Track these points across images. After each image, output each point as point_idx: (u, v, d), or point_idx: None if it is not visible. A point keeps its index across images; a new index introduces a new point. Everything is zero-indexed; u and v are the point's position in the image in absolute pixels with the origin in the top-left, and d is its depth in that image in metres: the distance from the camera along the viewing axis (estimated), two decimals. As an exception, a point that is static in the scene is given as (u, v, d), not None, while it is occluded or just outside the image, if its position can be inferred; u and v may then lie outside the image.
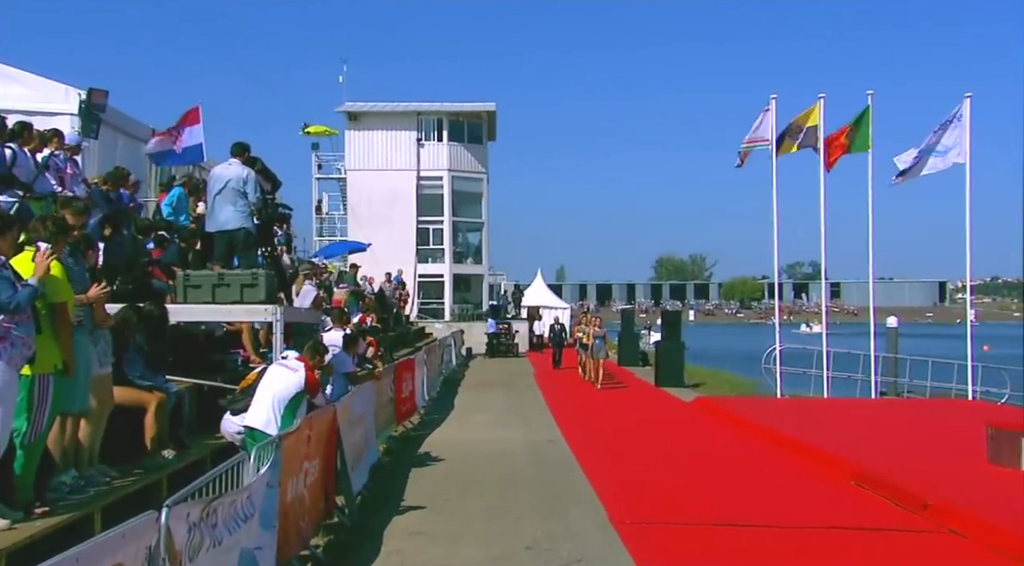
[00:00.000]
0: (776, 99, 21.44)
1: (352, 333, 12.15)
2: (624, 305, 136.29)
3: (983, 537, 7.78)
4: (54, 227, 6.32)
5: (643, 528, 8.48)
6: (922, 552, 7.76)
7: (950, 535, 8.12)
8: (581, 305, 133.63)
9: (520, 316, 44.75)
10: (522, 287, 51.61)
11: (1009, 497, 9.22)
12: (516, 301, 47.37)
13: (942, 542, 7.99)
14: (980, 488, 9.68)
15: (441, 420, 16.87)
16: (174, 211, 12.52)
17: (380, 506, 9.34)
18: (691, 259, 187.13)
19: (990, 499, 9.06)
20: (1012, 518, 8.16)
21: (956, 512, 8.46)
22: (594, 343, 22.88)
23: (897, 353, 25.81)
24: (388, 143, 43.08)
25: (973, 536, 7.90)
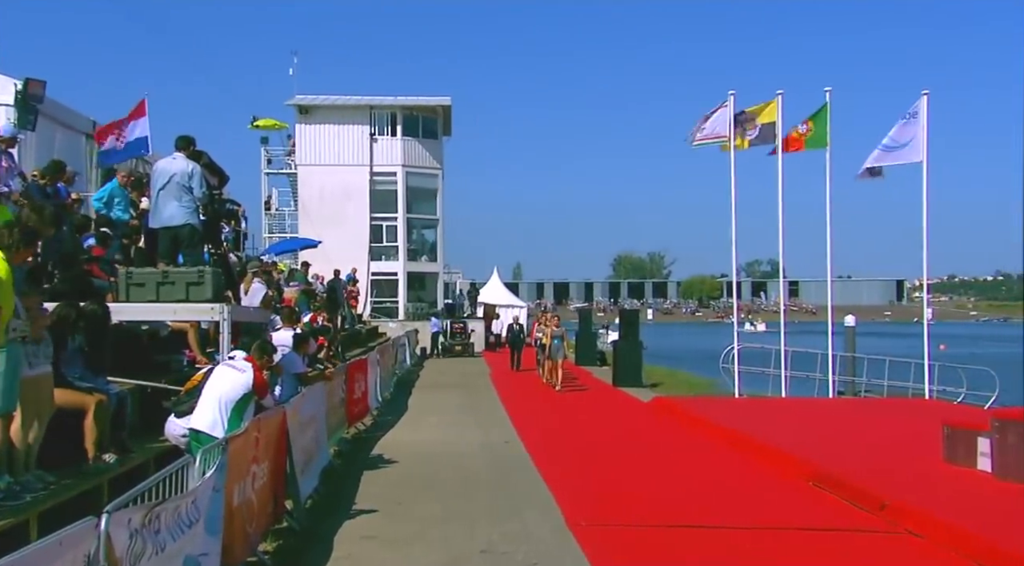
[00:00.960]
0: (734, 96, 21.67)
1: (302, 332, 12.05)
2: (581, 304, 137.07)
3: (939, 537, 7.94)
4: (20, 236, 6.15)
5: (600, 530, 8.52)
6: (879, 552, 7.90)
7: (906, 535, 8.27)
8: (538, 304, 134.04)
9: (476, 315, 44.73)
10: (478, 285, 51.59)
11: (965, 496, 9.42)
12: (472, 300, 47.34)
13: (898, 542, 8.14)
14: (936, 488, 9.88)
15: (394, 421, 16.80)
16: (106, 206, 12.30)
17: (331, 510, 9.28)
18: (649, 257, 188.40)
19: (946, 499, 9.25)
20: (968, 518, 8.34)
21: (912, 512, 8.63)
22: (552, 343, 22.83)
23: (855, 352, 26.25)
24: (340, 137, 42.81)
25: (929, 536, 8.05)
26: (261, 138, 43.63)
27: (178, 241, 10.43)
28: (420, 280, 44.93)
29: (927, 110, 20.46)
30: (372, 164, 42.81)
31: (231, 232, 16.64)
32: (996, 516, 8.53)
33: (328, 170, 42.15)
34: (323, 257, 32.23)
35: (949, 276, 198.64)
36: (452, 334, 37.94)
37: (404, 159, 43.09)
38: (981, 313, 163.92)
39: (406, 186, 43.19)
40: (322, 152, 42.67)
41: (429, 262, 45.17)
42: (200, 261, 10.67)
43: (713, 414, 16.81)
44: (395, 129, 43.22)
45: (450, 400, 20.77)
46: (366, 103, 43.68)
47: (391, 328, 37.89)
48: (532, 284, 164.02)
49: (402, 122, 43.25)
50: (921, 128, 20.49)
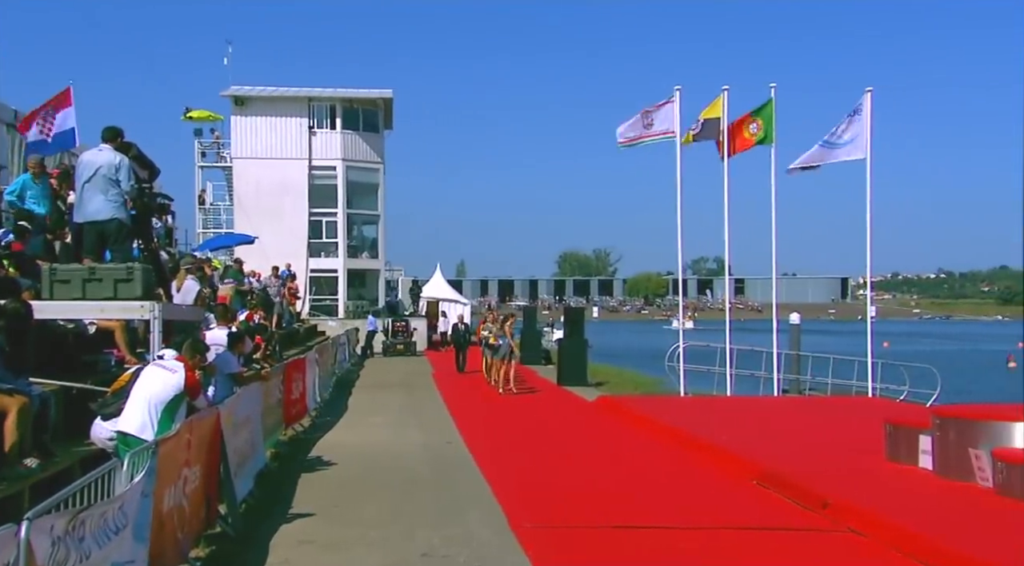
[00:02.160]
0: (680, 91, 21.86)
1: (237, 331, 11.90)
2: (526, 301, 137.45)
3: (881, 535, 8.11)
4: None
5: (543, 532, 8.55)
6: (821, 552, 8.05)
7: (848, 534, 8.44)
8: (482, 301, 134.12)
9: (419, 313, 44.55)
10: (420, 283, 51.41)
11: (906, 495, 9.65)
12: (414, 297, 47.17)
13: (841, 541, 8.30)
14: (879, 486, 10.09)
15: (334, 422, 16.69)
16: (19, 199, 11.99)
17: (267, 514, 9.18)
18: (595, 254, 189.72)
19: (888, 497, 9.46)
20: (909, 516, 8.54)
21: (855, 510, 8.81)
22: (501, 343, 22.49)
23: (800, 350, 26.72)
24: (277, 130, 42.32)
25: (871, 534, 8.22)
26: (195, 130, 42.95)
27: (105, 236, 10.21)
28: (361, 277, 44.64)
29: (871, 107, 20.90)
30: (311, 158, 42.40)
31: (163, 227, 16.36)
32: (936, 514, 8.75)
33: (265, 164, 41.63)
34: (260, 253, 31.87)
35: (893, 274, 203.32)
36: (394, 333, 37.73)
37: (344, 153, 42.75)
38: (924, 311, 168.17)
39: (346, 181, 42.86)
40: (258, 145, 42.13)
41: (370, 259, 44.91)
42: (129, 257, 10.46)
43: (658, 413, 16.97)
44: (334, 122, 42.85)
45: (391, 400, 20.68)
46: (304, 95, 43.22)
47: (331, 327, 37.58)
48: (476, 281, 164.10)
49: (342, 115, 42.89)
50: (865, 125, 20.91)
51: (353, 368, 30.40)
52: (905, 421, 11.77)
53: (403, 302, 47.13)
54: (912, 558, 7.53)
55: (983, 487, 9.68)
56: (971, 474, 9.91)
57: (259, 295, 21.32)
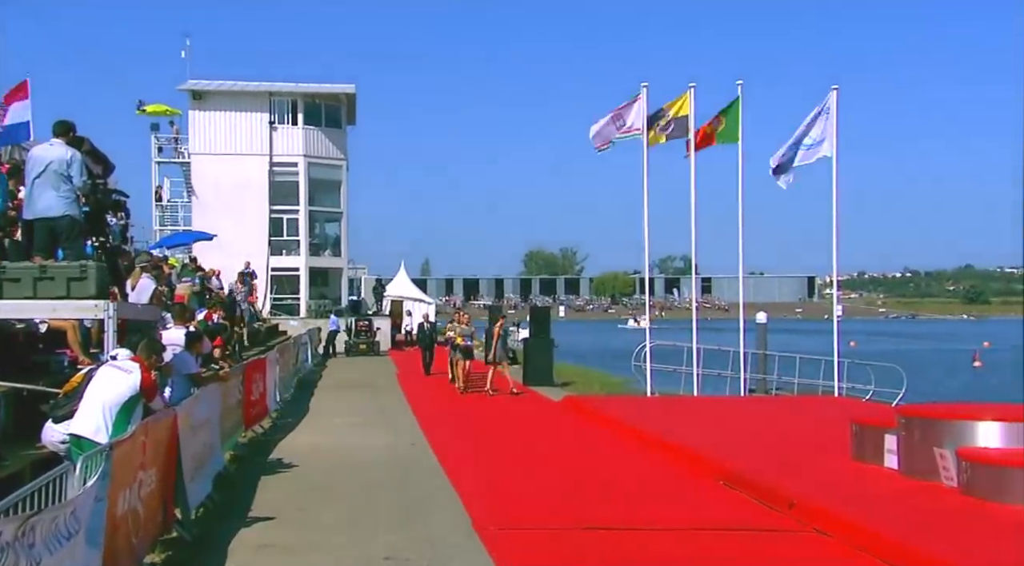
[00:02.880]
0: (647, 87, 21.94)
1: (195, 331, 11.78)
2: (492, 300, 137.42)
3: (846, 535, 8.20)
4: None
5: (508, 534, 8.56)
6: (787, 552, 8.13)
7: (814, 534, 8.53)
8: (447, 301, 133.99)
9: (382, 312, 44.39)
10: (384, 281, 51.22)
11: (871, 494, 9.75)
12: (378, 296, 46.98)
13: (806, 541, 8.39)
14: (844, 486, 10.21)
15: (295, 424, 16.58)
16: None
17: (225, 518, 9.10)
18: (561, 253, 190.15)
19: (854, 497, 9.57)
20: (874, 516, 8.64)
21: (820, 511, 8.90)
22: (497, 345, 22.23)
23: (766, 349, 26.96)
24: (237, 125, 41.95)
25: (837, 534, 8.31)
26: (151, 125, 42.46)
27: (56, 234, 10.05)
28: (323, 276, 44.40)
29: (837, 105, 21.11)
30: (272, 154, 42.08)
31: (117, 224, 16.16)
32: (901, 514, 8.86)
33: (224, 160, 41.25)
34: (219, 251, 31.57)
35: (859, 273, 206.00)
36: (357, 332, 37.56)
37: (306, 149, 42.48)
38: (890, 310, 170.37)
39: (308, 177, 42.60)
40: (218, 140, 41.74)
41: (333, 257, 44.68)
42: (82, 255, 10.32)
43: (625, 413, 17.05)
44: (296, 117, 42.57)
45: (354, 401, 20.60)
46: (265, 89, 42.90)
47: (292, 326, 37.34)
48: (441, 280, 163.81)
49: (304, 110, 42.61)
50: (831, 123, 21.13)
51: (315, 368, 30.24)
52: (871, 421, 11.91)
53: (366, 301, 46.94)
54: (877, 558, 7.62)
55: (948, 486, 9.82)
56: (936, 473, 10.05)
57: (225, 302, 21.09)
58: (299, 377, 24.94)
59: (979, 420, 10.04)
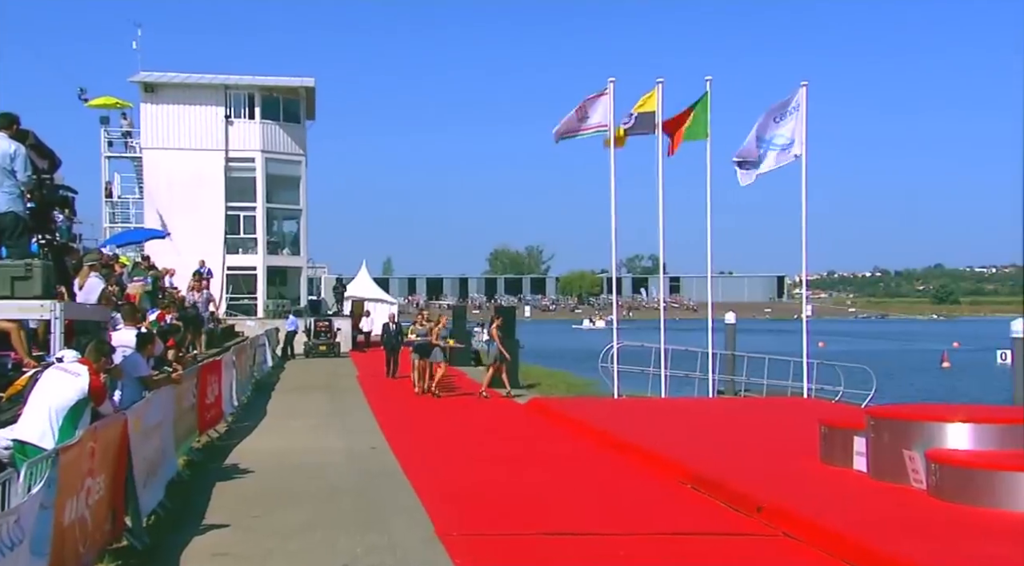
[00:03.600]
0: (614, 83, 22.03)
1: (147, 332, 11.64)
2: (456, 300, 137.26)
3: (815, 540, 8.28)
4: None
5: (472, 540, 8.54)
6: (755, 557, 8.19)
7: (783, 538, 8.60)
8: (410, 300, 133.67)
9: (343, 312, 44.18)
10: (345, 281, 50.98)
11: (840, 497, 9.86)
12: (338, 296, 46.75)
13: (775, 546, 8.46)
14: (813, 489, 10.31)
15: (252, 428, 16.47)
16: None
17: (178, 526, 9.01)
18: (527, 252, 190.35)
19: (822, 500, 9.67)
20: (843, 519, 8.73)
21: (789, 514, 8.98)
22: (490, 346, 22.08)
23: (735, 350, 27.18)
24: (191, 119, 41.48)
25: (806, 539, 8.39)
26: (100, 118, 41.87)
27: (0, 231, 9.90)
28: (281, 275, 44.07)
29: (806, 102, 21.30)
30: (227, 149, 41.66)
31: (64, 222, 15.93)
32: (870, 517, 8.95)
33: (178, 155, 40.77)
34: (172, 249, 31.26)
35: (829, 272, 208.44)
36: (316, 333, 37.36)
37: (263, 144, 42.12)
38: (860, 310, 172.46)
39: (265, 173, 42.24)
40: (171, 135, 41.24)
41: (291, 256, 44.37)
42: (27, 253, 10.16)
43: (591, 415, 17.10)
44: (253, 112, 42.17)
45: (313, 404, 20.49)
46: (220, 82, 42.45)
47: (249, 327, 37.04)
48: (404, 279, 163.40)
49: (261, 104, 42.25)
50: (801, 121, 21.31)
51: (273, 370, 30.04)
52: (840, 423, 12.03)
53: (326, 301, 46.69)
54: (846, 562, 7.70)
55: (916, 489, 9.95)
56: (905, 476, 10.18)
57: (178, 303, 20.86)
58: (256, 379, 24.76)
59: (948, 422, 10.17)
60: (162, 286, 22.36)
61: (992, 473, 9.22)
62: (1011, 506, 8.93)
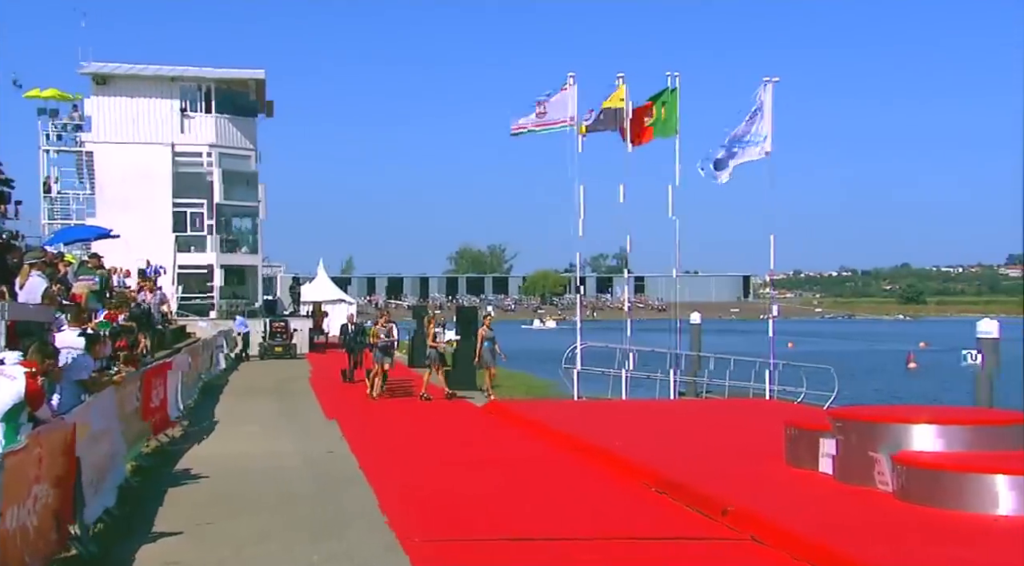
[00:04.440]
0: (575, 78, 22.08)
1: (93, 333, 11.49)
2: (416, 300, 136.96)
3: (782, 543, 8.35)
4: None
5: (433, 546, 8.53)
6: (721, 560, 8.26)
7: (750, 542, 8.67)
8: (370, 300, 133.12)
9: (300, 313, 43.92)
10: (302, 280, 50.69)
11: (806, 500, 9.96)
12: (295, 296, 46.48)
13: (742, 549, 8.52)
14: (779, 492, 10.40)
15: (205, 432, 16.35)
16: None
17: (127, 534, 8.90)
18: (490, 251, 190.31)
19: (788, 503, 9.76)
20: (809, 522, 8.82)
21: (755, 518, 9.05)
22: (484, 347, 21.93)
23: (700, 351, 27.38)
24: (142, 112, 41.03)
25: (772, 542, 8.46)
26: (38, 110, 41.24)
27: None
28: (236, 274, 43.72)
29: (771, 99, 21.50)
30: (180, 143, 41.25)
31: (2, 218, 15.69)
32: (836, 520, 9.05)
33: (128, 149, 40.30)
34: (122, 247, 30.86)
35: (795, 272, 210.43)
36: (272, 334, 37.10)
37: (216, 138, 41.77)
38: (826, 310, 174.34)
39: (219, 169, 41.87)
40: (121, 128, 40.76)
41: (247, 254, 44.04)
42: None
43: (552, 418, 17.15)
44: (208, 105, 41.80)
45: (268, 407, 20.37)
46: (170, 74, 42.00)
47: (202, 327, 36.71)
48: (363, 279, 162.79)
49: (213, 97, 41.85)
50: (767, 120, 21.51)
51: (228, 372, 29.80)
52: (806, 424, 12.14)
53: (282, 301, 46.39)
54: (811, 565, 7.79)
55: (882, 491, 10.08)
56: (871, 478, 10.30)
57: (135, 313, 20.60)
58: (209, 382, 24.56)
59: (914, 423, 10.30)
60: (111, 285, 22.08)
61: (958, 475, 9.36)
62: (977, 508, 9.07)
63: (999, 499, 9.07)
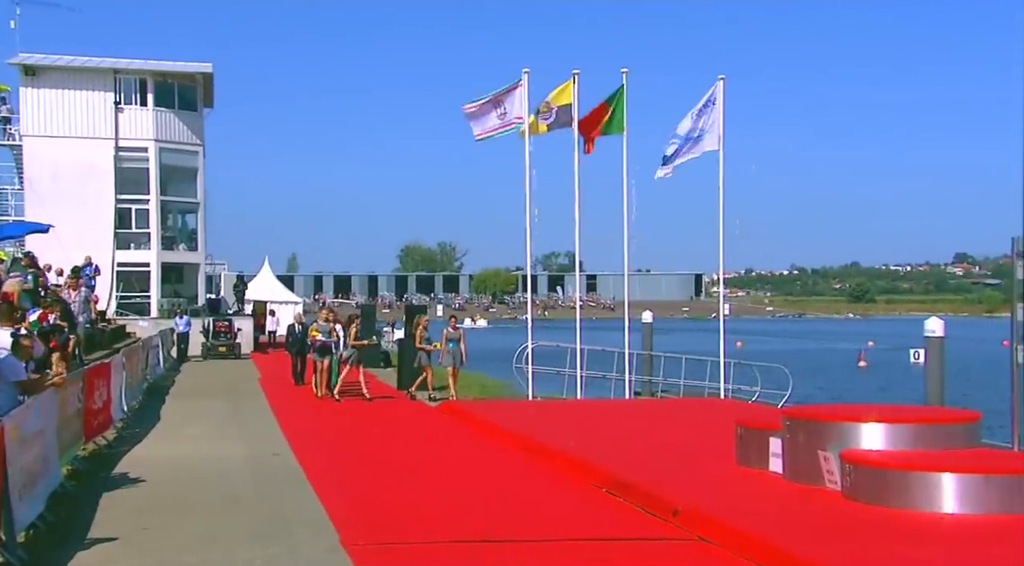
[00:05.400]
0: (528, 73, 22.06)
1: (25, 332, 11.26)
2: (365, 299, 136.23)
3: (731, 543, 8.43)
4: None
5: (379, 550, 8.49)
6: (670, 561, 8.31)
7: (699, 542, 8.74)
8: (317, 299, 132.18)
9: (244, 312, 43.45)
10: (246, 278, 50.15)
11: (756, 499, 10.06)
12: (239, 294, 45.96)
13: (691, 550, 8.59)
14: (729, 491, 10.50)
15: (144, 434, 16.12)
16: None
17: (60, 540, 8.74)
18: (439, 248, 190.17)
19: (738, 503, 9.85)
20: (758, 522, 8.91)
21: (705, 518, 9.12)
22: (448, 346, 21.78)
23: (652, 350, 27.58)
24: (78, 105, 40.29)
25: (722, 543, 8.54)
26: None
27: None
28: (177, 272, 43.16)
29: (723, 96, 21.67)
30: (117, 137, 40.57)
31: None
32: (785, 519, 9.16)
33: (63, 143, 39.53)
34: (57, 244, 30.33)
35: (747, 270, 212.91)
36: (216, 334, 36.67)
37: (157, 133, 41.16)
38: (777, 308, 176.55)
39: (159, 164, 41.29)
40: (55, 122, 39.95)
41: (188, 252, 43.47)
42: None
43: (504, 418, 17.16)
44: (146, 98, 41.17)
45: (211, 409, 20.14)
46: (110, 66, 41.32)
47: (142, 327, 36.20)
48: (309, 277, 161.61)
49: (154, 90, 41.25)
50: (718, 116, 21.68)
51: (168, 373, 29.42)
52: (756, 423, 12.27)
53: (226, 300, 45.88)
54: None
55: (831, 490, 10.21)
56: (820, 477, 10.44)
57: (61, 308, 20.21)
58: (150, 383, 24.22)
59: (862, 422, 10.44)
60: (45, 283, 21.66)
61: (905, 474, 9.50)
62: (924, 506, 9.23)
63: (944, 497, 9.24)
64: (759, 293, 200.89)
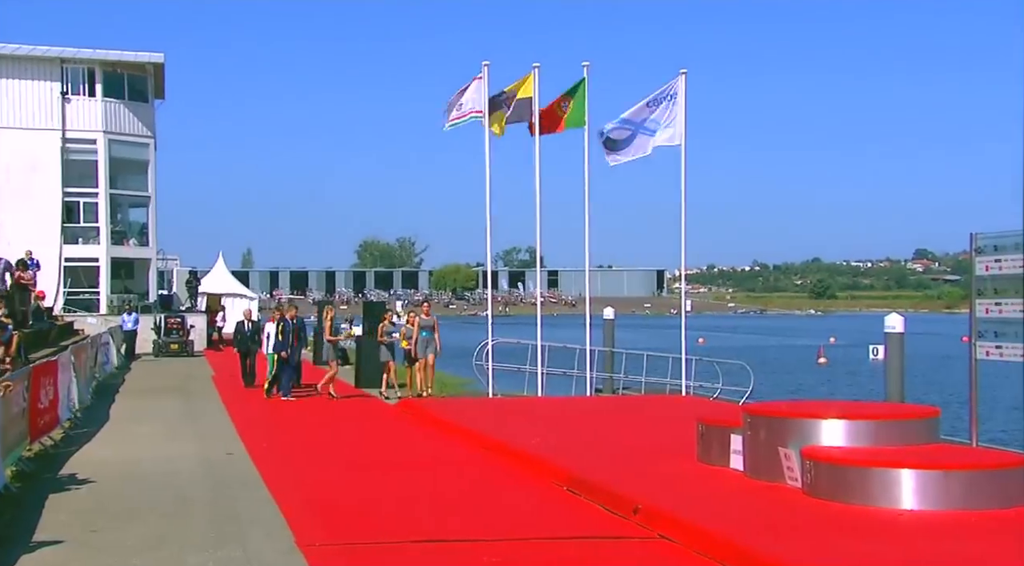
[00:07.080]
0: (489, 66, 22.06)
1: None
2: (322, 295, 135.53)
3: (692, 541, 8.49)
4: None
5: (335, 550, 8.47)
6: (630, 559, 8.36)
7: (660, 541, 8.80)
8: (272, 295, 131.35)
9: (197, 308, 43.08)
10: (200, 274, 49.70)
11: (716, 497, 10.15)
12: (192, 290, 45.55)
13: (652, 548, 8.65)
14: (689, 489, 10.58)
15: (92, 434, 15.96)
16: None
17: (3, 543, 8.64)
18: (398, 244, 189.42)
19: (699, 500, 9.94)
20: (719, 520, 8.99)
21: (665, 515, 9.19)
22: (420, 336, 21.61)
23: (614, 346, 27.68)
24: (22, 95, 39.75)
25: (682, 540, 8.60)
26: None
27: None
28: (128, 267, 42.73)
29: (685, 91, 21.75)
30: (64, 129, 40.04)
31: None
32: (744, 517, 9.25)
33: (7, 134, 39.04)
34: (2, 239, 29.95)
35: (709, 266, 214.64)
36: (168, 331, 36.32)
37: (105, 124, 40.68)
38: (739, 304, 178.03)
39: (108, 156, 40.82)
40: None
41: (139, 247, 43.05)
42: None
43: (464, 416, 17.17)
44: (94, 89, 40.68)
45: (163, 407, 19.98)
46: (56, 55, 40.75)
47: (90, 324, 35.79)
48: (265, 273, 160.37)
49: (103, 80, 40.75)
50: (680, 110, 21.73)
51: (118, 371, 29.13)
52: (717, 421, 12.37)
53: (179, 296, 45.48)
54: (720, 563, 7.94)
55: (791, 487, 10.33)
56: (781, 474, 10.55)
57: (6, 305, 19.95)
58: (99, 381, 23.98)
59: (822, 418, 10.56)
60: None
61: (864, 470, 9.63)
62: (884, 503, 9.35)
63: (904, 494, 9.37)
64: (721, 289, 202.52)
